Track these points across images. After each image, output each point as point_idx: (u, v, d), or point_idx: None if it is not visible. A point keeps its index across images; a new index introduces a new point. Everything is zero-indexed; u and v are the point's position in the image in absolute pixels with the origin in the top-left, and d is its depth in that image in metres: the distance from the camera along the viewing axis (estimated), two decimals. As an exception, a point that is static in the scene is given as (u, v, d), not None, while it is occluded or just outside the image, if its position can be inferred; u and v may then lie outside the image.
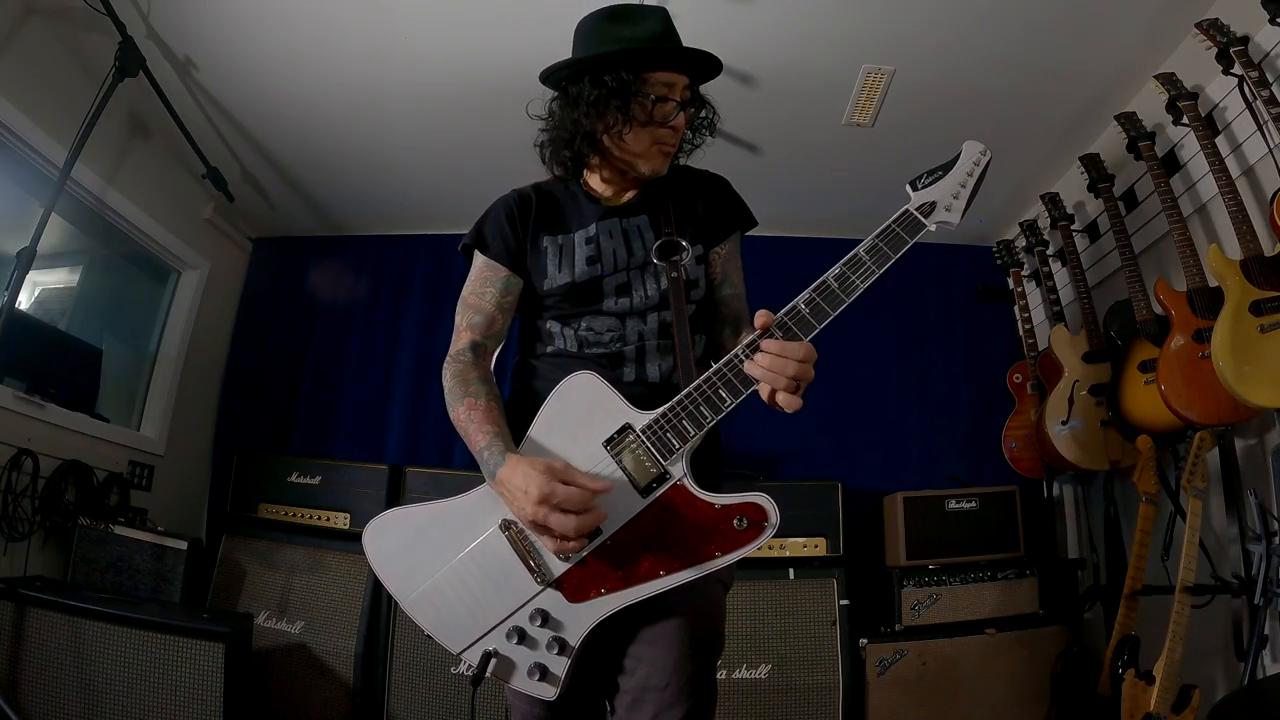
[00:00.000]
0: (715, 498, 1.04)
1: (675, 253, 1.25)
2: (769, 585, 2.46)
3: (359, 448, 3.24)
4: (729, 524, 1.02)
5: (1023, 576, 2.55)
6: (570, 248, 1.26)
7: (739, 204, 1.36)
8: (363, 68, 2.52)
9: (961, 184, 1.11)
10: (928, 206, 1.09)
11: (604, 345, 1.22)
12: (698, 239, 1.29)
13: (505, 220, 1.28)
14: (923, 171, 1.12)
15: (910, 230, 1.08)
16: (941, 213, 1.10)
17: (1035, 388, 2.86)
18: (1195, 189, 2.22)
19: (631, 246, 1.26)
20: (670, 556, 1.03)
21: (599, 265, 1.24)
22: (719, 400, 1.05)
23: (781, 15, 2.26)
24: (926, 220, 1.09)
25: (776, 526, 1.01)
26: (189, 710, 1.98)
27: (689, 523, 1.04)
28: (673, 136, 1.24)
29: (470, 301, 1.26)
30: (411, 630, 2.50)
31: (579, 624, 1.04)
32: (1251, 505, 1.89)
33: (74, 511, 2.43)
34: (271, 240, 3.66)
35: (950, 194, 1.10)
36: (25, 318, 2.56)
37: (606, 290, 1.24)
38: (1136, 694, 1.93)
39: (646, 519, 1.05)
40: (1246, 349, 1.77)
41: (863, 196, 3.15)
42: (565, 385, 1.11)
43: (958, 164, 1.13)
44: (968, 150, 1.14)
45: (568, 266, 1.24)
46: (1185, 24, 2.11)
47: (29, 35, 2.30)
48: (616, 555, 1.05)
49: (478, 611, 1.07)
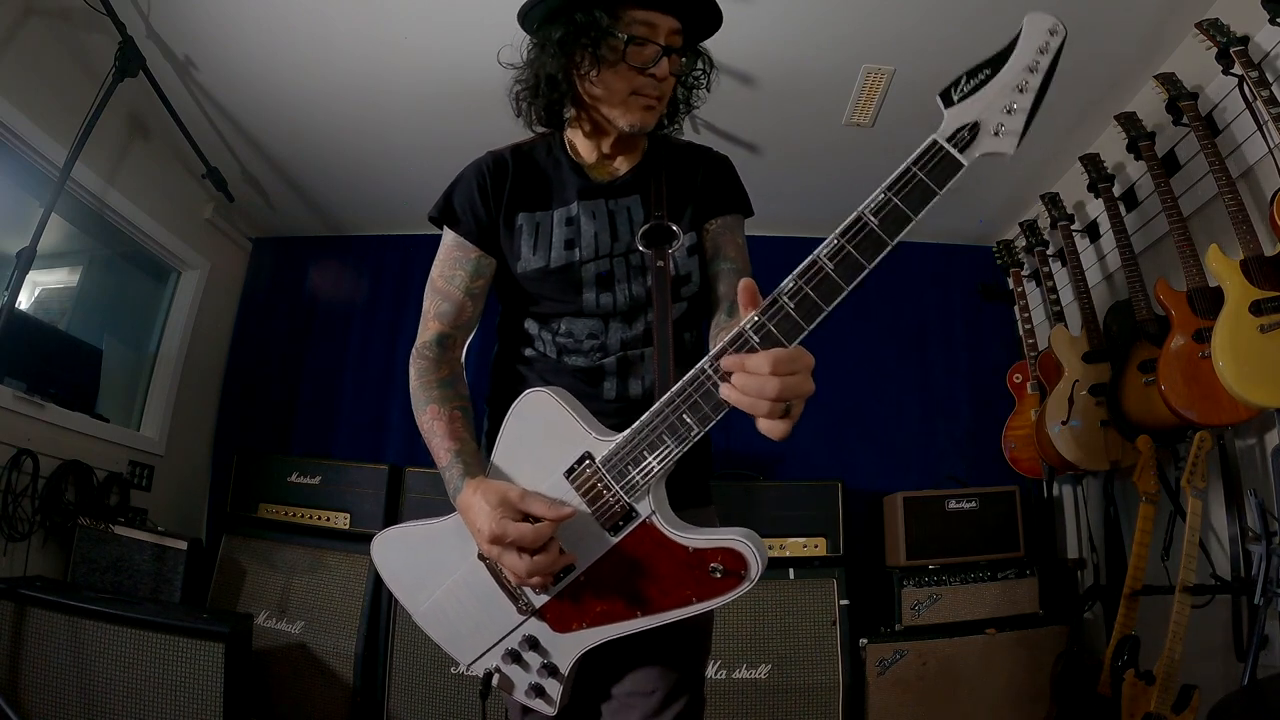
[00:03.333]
0: (689, 538, 0.91)
1: (665, 240, 1.10)
2: (769, 585, 2.46)
3: (359, 448, 3.24)
4: (704, 569, 0.89)
5: (1023, 576, 2.55)
6: (547, 228, 1.12)
7: (738, 187, 1.22)
8: (362, 67, 2.52)
9: (1019, 86, 0.75)
10: (967, 131, 0.76)
11: (584, 354, 1.10)
12: (693, 223, 1.15)
13: (476, 191, 1.14)
14: (961, 73, 0.77)
15: (941, 175, 0.76)
16: (988, 139, 0.76)
17: (1035, 388, 2.86)
18: (1195, 189, 2.22)
19: (617, 230, 1.12)
20: (645, 597, 0.93)
21: (576, 250, 1.10)
22: (683, 428, 0.87)
23: (781, 15, 2.26)
24: (963, 155, 0.76)
25: (756, 578, 0.87)
26: (189, 710, 1.98)
27: (661, 564, 0.92)
28: (654, 87, 1.07)
29: (439, 286, 1.14)
30: (411, 630, 2.50)
31: (566, 653, 1.00)
32: (1251, 505, 1.89)
33: (74, 511, 2.43)
34: (271, 240, 3.66)
35: (1002, 105, 0.76)
36: (25, 318, 2.56)
37: (585, 280, 1.10)
38: (1136, 694, 1.93)
39: (618, 557, 0.94)
40: (1246, 349, 1.77)
41: (863, 197, 3.14)
42: (521, 405, 1.00)
43: (1014, 54, 0.76)
44: (1030, 28, 0.76)
45: (543, 249, 1.11)
46: (1185, 24, 2.11)
47: (29, 35, 2.30)
48: (593, 591, 0.96)
49: (477, 632, 1.05)
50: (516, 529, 0.90)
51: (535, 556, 0.90)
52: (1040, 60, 0.76)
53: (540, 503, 0.92)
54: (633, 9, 1.04)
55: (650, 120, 1.10)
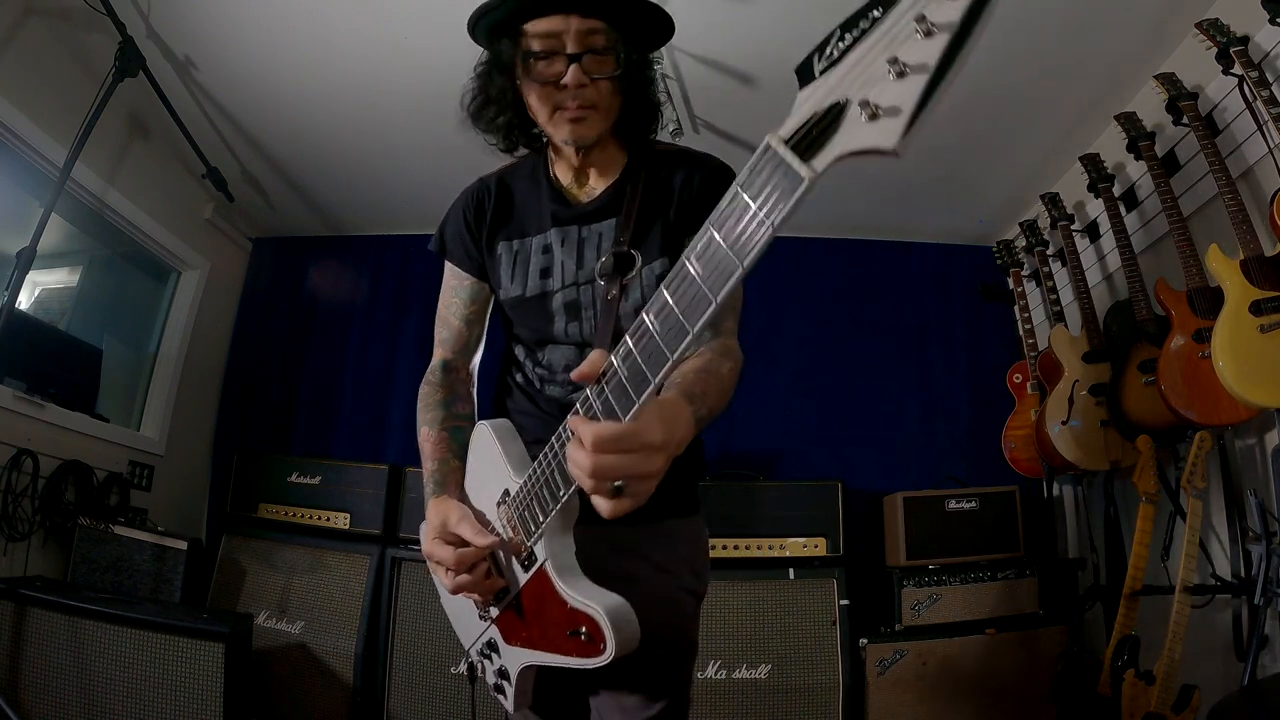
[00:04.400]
0: (570, 594, 0.88)
1: (625, 269, 1.03)
2: (769, 585, 2.46)
3: (359, 448, 3.24)
4: (575, 627, 0.87)
5: (1023, 576, 2.55)
6: (525, 256, 1.12)
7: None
8: (362, 67, 2.52)
9: (921, 29, 0.45)
10: (819, 120, 0.50)
11: (559, 385, 1.12)
12: (667, 248, 1.06)
13: (463, 222, 1.17)
14: (835, 27, 0.51)
15: (776, 192, 0.52)
16: (854, 129, 0.48)
17: (1035, 388, 2.86)
18: (1195, 189, 2.22)
19: (583, 258, 1.09)
20: (547, 637, 0.93)
21: (550, 279, 1.10)
22: (555, 485, 0.85)
23: (781, 15, 2.26)
24: (806, 162, 0.50)
25: (612, 654, 0.82)
26: (189, 710, 1.98)
27: (551, 611, 0.92)
28: (573, 97, 1.00)
29: (441, 314, 1.21)
30: (411, 630, 2.51)
31: (512, 662, 1.03)
32: (1251, 505, 1.89)
33: (74, 511, 2.43)
34: (271, 240, 3.66)
35: (885, 68, 0.46)
36: (25, 318, 2.56)
37: (555, 309, 1.10)
38: (1136, 694, 1.93)
39: (530, 591, 0.96)
40: (1246, 349, 1.77)
41: (863, 196, 3.15)
42: (474, 436, 1.08)
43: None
44: None
45: (520, 278, 1.12)
46: (1185, 24, 2.11)
47: (29, 35, 2.30)
48: (522, 616, 0.99)
49: (467, 627, 1.14)
50: (442, 550, 0.97)
51: (458, 576, 0.96)
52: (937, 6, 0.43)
53: (469, 529, 0.97)
54: (532, 20, 0.99)
55: (586, 131, 1.04)
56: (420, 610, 2.52)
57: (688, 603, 1.11)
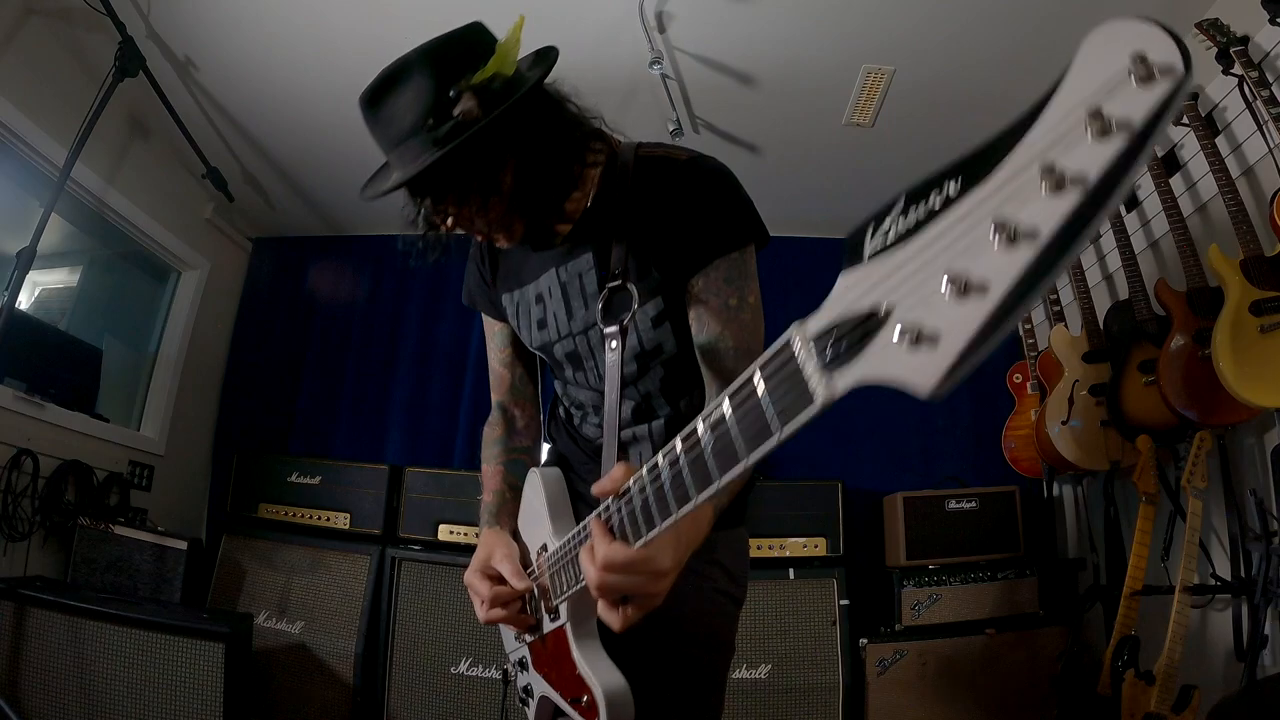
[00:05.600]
0: (582, 660, 0.90)
1: (622, 310, 0.95)
2: (769, 585, 2.46)
3: (359, 448, 3.24)
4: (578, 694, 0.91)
5: (1023, 576, 2.55)
6: (526, 306, 1.11)
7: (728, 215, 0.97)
8: (362, 67, 2.49)
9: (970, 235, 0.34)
10: (849, 330, 0.40)
11: (590, 425, 1.14)
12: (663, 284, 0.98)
13: (477, 274, 1.20)
14: (893, 198, 0.40)
15: (786, 402, 0.45)
16: (886, 353, 0.38)
17: (1035, 388, 2.86)
18: (1195, 189, 2.22)
19: (571, 305, 1.04)
20: (563, 684, 0.97)
21: (547, 330, 1.09)
22: (579, 569, 0.82)
23: (781, 15, 2.26)
24: (822, 382, 0.42)
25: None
26: (189, 710, 1.98)
27: (564, 666, 0.95)
28: (469, 231, 1.01)
29: (488, 360, 1.25)
30: (411, 630, 2.51)
31: (536, 685, 1.07)
32: (1251, 505, 1.89)
33: (74, 511, 2.43)
34: (271, 240, 3.65)
35: (940, 284, 0.34)
36: (25, 318, 2.56)
37: (559, 358, 1.10)
38: (1136, 694, 1.93)
39: (552, 639, 0.99)
40: (1247, 349, 1.77)
41: (863, 196, 3.15)
42: (527, 479, 1.11)
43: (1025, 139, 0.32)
44: (1090, 55, 0.31)
45: (525, 330, 1.13)
46: (1185, 24, 2.11)
47: (29, 35, 2.30)
48: (547, 654, 1.02)
49: (507, 634, 1.18)
50: (480, 584, 1.01)
51: (491, 610, 1.00)
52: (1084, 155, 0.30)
53: (509, 568, 1.00)
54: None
55: (506, 243, 1.02)
56: (420, 610, 2.53)
57: (719, 602, 1.09)
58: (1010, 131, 0.33)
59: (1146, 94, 0.29)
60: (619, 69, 2.44)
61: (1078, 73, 0.31)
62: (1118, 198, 0.29)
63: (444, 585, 2.54)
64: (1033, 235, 0.31)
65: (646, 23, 2.25)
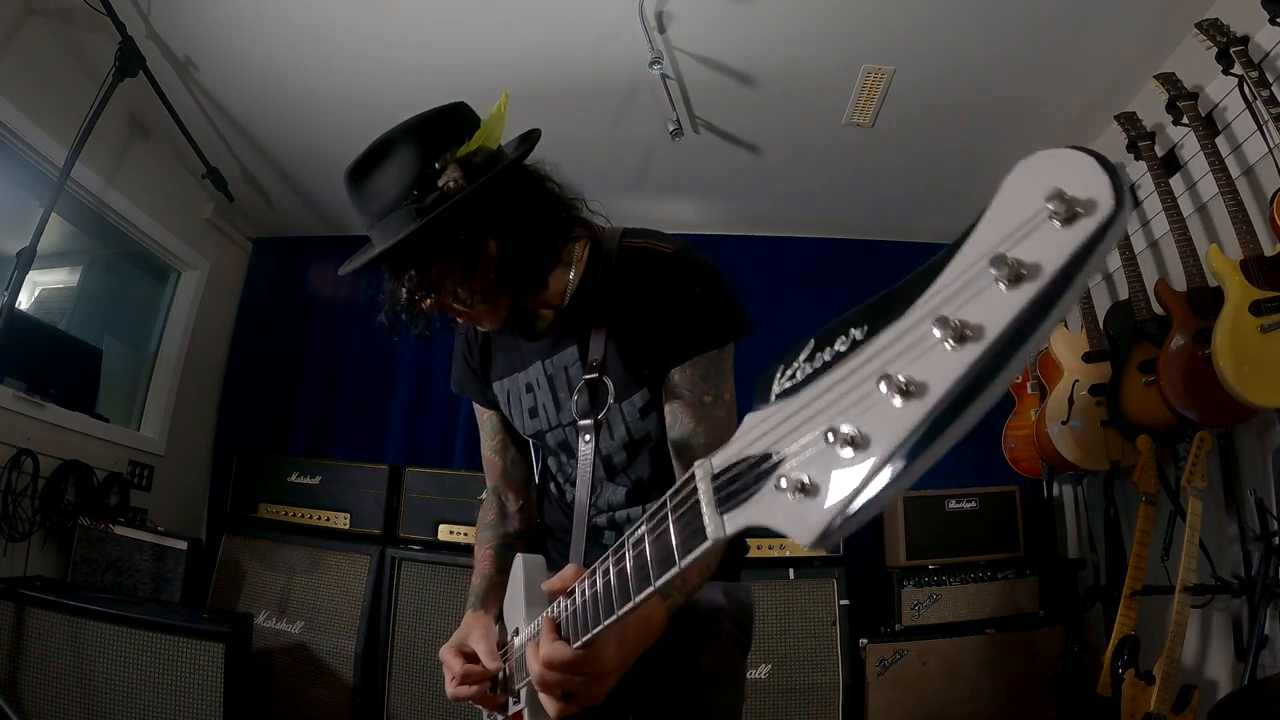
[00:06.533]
0: None
1: (600, 405, 0.98)
2: (769, 585, 2.46)
3: (359, 448, 3.24)
4: None
5: (1023, 576, 2.55)
6: (517, 395, 1.14)
7: (708, 311, 0.97)
8: (362, 67, 2.52)
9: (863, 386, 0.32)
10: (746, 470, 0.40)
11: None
12: (650, 376, 1.00)
13: (464, 364, 1.22)
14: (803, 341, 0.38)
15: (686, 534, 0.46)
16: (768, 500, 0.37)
17: (1035, 388, 2.86)
18: (1195, 189, 2.22)
19: (558, 397, 1.07)
20: None
21: (538, 419, 1.12)
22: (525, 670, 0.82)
23: (781, 15, 2.26)
24: (713, 520, 0.42)
25: None
26: (189, 710, 1.98)
27: None
28: (452, 310, 1.02)
29: (481, 447, 1.26)
30: (411, 630, 2.51)
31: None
32: (1251, 505, 1.89)
33: (74, 511, 2.43)
34: (271, 240, 3.65)
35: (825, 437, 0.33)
36: (25, 318, 2.56)
37: (552, 446, 1.13)
38: (1136, 694, 1.93)
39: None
40: (1246, 349, 1.77)
41: (863, 196, 3.15)
42: (514, 564, 1.07)
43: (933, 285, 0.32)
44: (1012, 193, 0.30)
45: (518, 418, 1.15)
46: (1185, 24, 2.11)
47: (29, 35, 2.30)
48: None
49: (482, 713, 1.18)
50: (453, 661, 1.01)
51: (459, 686, 1.00)
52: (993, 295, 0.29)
53: (483, 649, 1.02)
54: None
55: (488, 326, 1.05)
56: (420, 610, 2.53)
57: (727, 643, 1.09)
58: (921, 275, 0.32)
59: (1067, 235, 0.27)
60: (619, 69, 2.44)
61: (995, 213, 0.30)
62: (1030, 346, 0.27)
63: (444, 585, 2.54)
64: (921, 392, 0.29)
65: (646, 23, 2.24)
